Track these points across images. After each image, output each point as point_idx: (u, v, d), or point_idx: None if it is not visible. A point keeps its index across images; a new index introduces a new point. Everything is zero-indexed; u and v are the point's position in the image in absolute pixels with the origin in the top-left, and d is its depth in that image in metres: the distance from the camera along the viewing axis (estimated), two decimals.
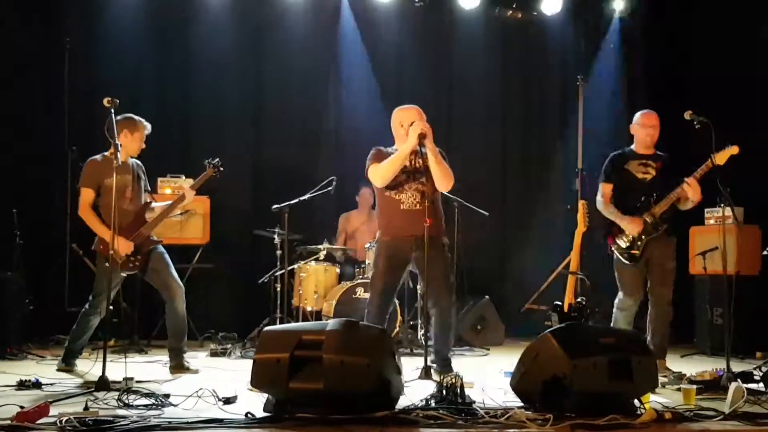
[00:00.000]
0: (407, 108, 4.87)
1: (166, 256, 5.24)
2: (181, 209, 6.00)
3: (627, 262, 5.25)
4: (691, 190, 5.04)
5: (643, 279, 5.29)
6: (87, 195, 5.06)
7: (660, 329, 5.24)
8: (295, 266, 6.97)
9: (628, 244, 5.23)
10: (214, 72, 7.97)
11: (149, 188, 5.48)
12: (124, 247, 4.97)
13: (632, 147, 5.45)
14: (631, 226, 5.20)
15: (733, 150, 4.95)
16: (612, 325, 5.28)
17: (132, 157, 5.22)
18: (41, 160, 7.30)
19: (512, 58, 8.66)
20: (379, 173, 4.72)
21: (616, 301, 5.34)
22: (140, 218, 5.18)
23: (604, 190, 5.39)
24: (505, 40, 8.63)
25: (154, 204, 5.35)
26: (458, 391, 3.56)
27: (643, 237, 5.19)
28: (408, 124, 4.70)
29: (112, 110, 4.51)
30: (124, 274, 5.14)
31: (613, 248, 5.32)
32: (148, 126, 5.21)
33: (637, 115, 5.44)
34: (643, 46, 8.69)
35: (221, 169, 5.36)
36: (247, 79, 8.09)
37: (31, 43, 7.40)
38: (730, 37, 7.57)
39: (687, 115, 4.79)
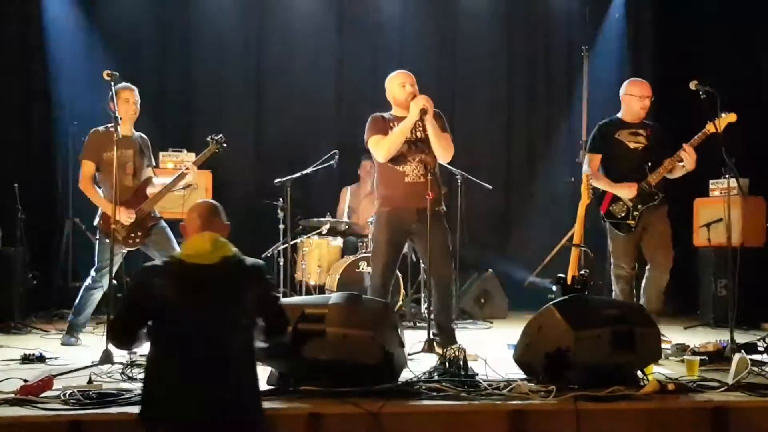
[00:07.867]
0: (399, 74, 4.81)
1: (168, 230, 5.22)
2: (184, 185, 5.97)
3: (620, 233, 5.11)
4: (687, 157, 4.90)
5: (636, 248, 5.16)
6: (88, 168, 5.06)
7: (655, 295, 5.08)
8: (298, 240, 6.95)
9: (623, 213, 5.07)
10: (215, 45, 7.92)
11: (153, 163, 5.44)
12: (125, 215, 4.95)
13: (619, 116, 5.24)
14: (626, 192, 5.04)
15: (731, 117, 4.83)
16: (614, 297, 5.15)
17: (135, 132, 5.19)
18: (43, 134, 7.27)
19: (517, 28, 8.56)
20: (382, 149, 4.67)
21: (612, 273, 5.21)
22: (141, 194, 5.15)
23: (592, 160, 5.20)
24: (510, 11, 8.53)
25: (155, 180, 5.32)
26: (461, 363, 3.55)
27: (639, 207, 5.04)
28: (409, 95, 4.65)
29: (112, 83, 4.48)
30: (124, 250, 5.13)
31: (606, 219, 5.17)
32: (130, 86, 5.08)
33: (630, 85, 5.20)
34: (649, 16, 8.57)
35: (224, 145, 5.32)
36: (249, 52, 8.04)
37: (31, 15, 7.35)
38: (738, 5, 7.46)
39: (692, 85, 4.72)
